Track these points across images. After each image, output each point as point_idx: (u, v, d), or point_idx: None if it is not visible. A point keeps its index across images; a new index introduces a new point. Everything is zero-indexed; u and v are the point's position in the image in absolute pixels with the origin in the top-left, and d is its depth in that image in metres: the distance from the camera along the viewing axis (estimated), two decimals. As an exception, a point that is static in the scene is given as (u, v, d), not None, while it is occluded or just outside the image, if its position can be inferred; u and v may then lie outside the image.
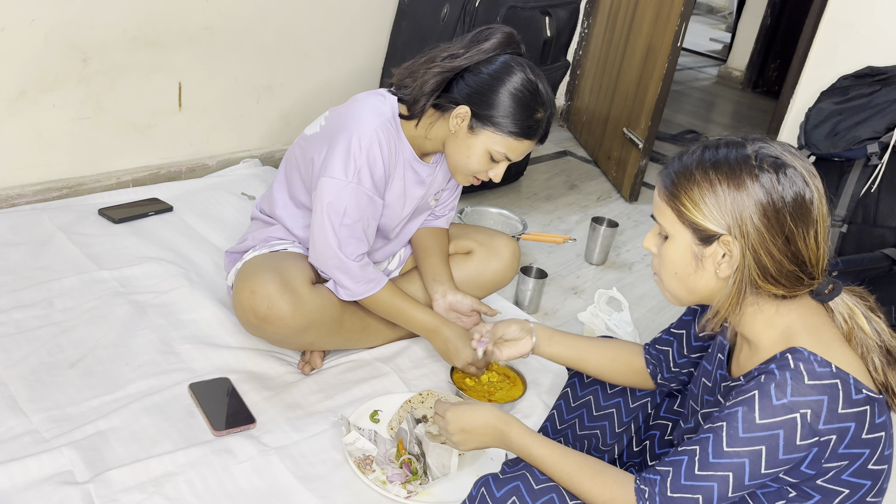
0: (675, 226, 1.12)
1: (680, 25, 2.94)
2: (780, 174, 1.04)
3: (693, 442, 1.09)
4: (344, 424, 1.55)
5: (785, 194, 1.04)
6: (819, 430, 1.02)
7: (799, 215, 1.05)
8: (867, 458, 1.06)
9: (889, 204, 2.56)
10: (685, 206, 1.09)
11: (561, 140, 3.87)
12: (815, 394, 1.02)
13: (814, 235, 1.06)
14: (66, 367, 1.66)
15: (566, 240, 2.49)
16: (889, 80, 2.63)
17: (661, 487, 1.08)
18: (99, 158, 2.48)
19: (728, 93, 5.59)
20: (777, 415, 1.02)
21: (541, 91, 1.63)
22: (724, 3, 8.24)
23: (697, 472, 1.06)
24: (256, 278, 1.63)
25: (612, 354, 1.50)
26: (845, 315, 1.11)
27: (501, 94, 1.60)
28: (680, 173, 1.10)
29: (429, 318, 1.74)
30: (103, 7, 2.29)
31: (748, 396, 1.05)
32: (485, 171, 1.69)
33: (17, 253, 2.02)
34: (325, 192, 1.61)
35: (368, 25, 2.98)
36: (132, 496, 1.37)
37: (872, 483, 1.09)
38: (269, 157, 2.92)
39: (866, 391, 1.04)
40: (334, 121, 1.69)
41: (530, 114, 1.61)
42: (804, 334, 1.08)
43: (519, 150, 1.66)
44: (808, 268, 1.07)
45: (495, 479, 1.18)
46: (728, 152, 1.07)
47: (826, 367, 1.03)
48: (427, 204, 1.87)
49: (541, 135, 1.67)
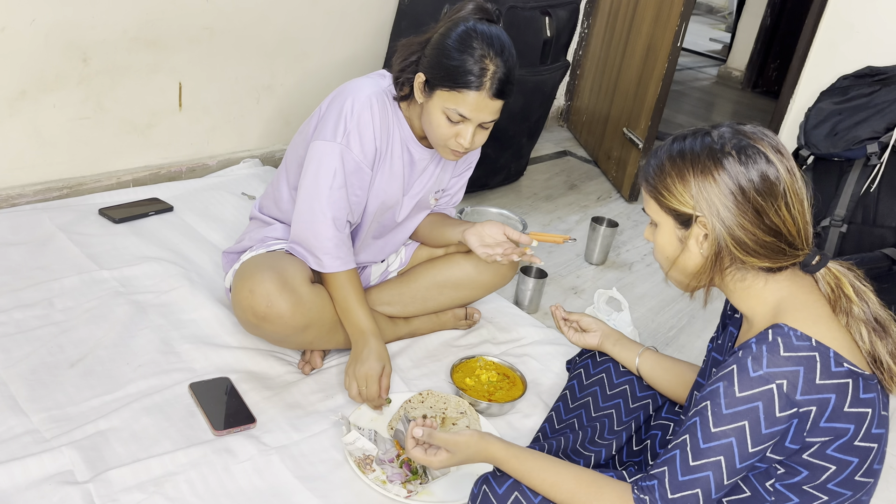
0: (658, 214, 1.21)
1: (680, 25, 2.94)
2: (741, 155, 1.12)
3: (682, 432, 1.12)
4: (344, 424, 1.55)
5: (748, 173, 1.11)
6: (797, 400, 1.05)
7: (765, 190, 1.11)
8: (853, 434, 1.08)
9: (889, 204, 2.56)
10: (662, 194, 1.18)
11: (561, 140, 3.87)
12: (791, 365, 1.06)
13: (785, 207, 1.11)
14: (67, 367, 1.66)
15: (566, 240, 2.48)
16: (889, 80, 2.63)
17: (661, 492, 1.09)
18: (99, 158, 2.48)
19: (728, 93, 5.59)
20: (754, 386, 1.06)
21: (483, 39, 1.54)
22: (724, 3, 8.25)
23: (692, 464, 1.08)
24: (255, 277, 1.63)
25: (672, 374, 1.51)
26: (832, 284, 1.15)
27: (444, 50, 1.56)
28: (655, 166, 1.20)
29: (368, 322, 1.70)
30: (103, 7, 2.29)
31: (727, 371, 1.09)
32: (452, 135, 1.61)
33: (17, 253, 2.03)
34: (314, 154, 1.62)
35: (368, 25, 2.99)
36: (132, 496, 1.37)
37: (860, 460, 1.10)
38: (269, 157, 2.92)
39: (849, 365, 1.08)
40: (333, 97, 1.70)
41: (472, 63, 1.53)
42: (792, 310, 1.12)
43: (471, 105, 1.56)
44: (788, 238, 1.12)
45: (495, 476, 1.21)
46: (693, 141, 1.16)
47: (805, 340, 1.07)
48: (427, 202, 1.87)
49: (491, 87, 1.55)
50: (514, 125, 2.92)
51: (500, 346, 2.02)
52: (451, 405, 1.65)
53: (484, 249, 1.74)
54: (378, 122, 1.64)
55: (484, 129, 1.64)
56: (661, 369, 1.53)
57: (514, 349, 2.00)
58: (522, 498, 1.17)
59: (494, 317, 2.13)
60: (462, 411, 1.64)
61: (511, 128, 2.92)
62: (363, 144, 1.63)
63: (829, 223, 2.61)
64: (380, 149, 1.67)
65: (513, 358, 1.95)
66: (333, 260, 1.67)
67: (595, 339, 1.61)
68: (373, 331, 1.69)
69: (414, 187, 1.80)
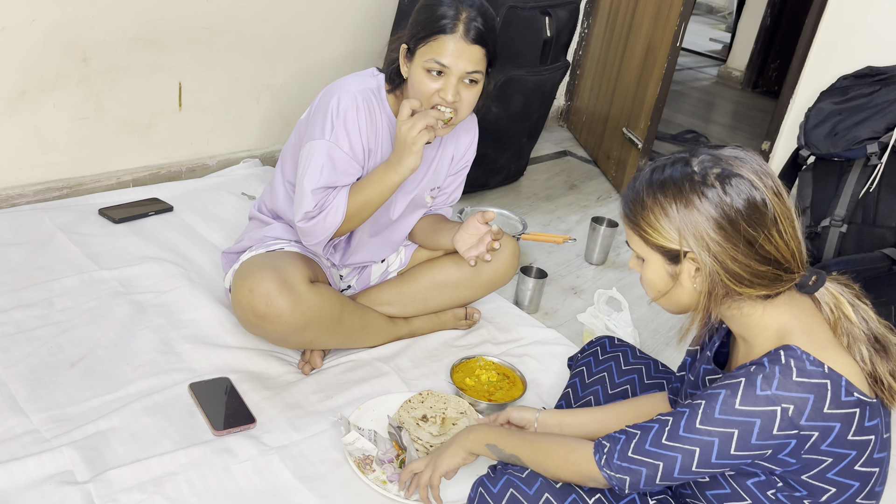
0: (644, 250, 1.16)
1: (679, 25, 2.94)
2: (725, 185, 1.07)
3: (667, 414, 1.12)
4: (343, 424, 1.55)
5: (734, 203, 1.06)
6: (800, 425, 1.03)
7: (754, 219, 1.06)
8: (853, 460, 1.07)
9: (889, 204, 2.56)
10: (646, 231, 1.13)
11: (561, 140, 3.87)
12: (802, 391, 1.03)
13: (777, 233, 1.07)
14: (67, 367, 1.66)
15: (566, 240, 2.49)
16: (889, 80, 2.63)
17: (623, 446, 1.13)
18: (99, 158, 2.48)
19: (728, 93, 5.59)
20: (758, 404, 1.04)
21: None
22: (723, 3, 8.24)
23: (664, 442, 1.09)
24: (255, 277, 1.63)
25: (632, 414, 1.44)
26: (831, 305, 1.12)
27: (418, 10, 1.61)
28: (634, 200, 1.14)
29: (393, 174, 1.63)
30: (103, 7, 2.29)
31: (734, 382, 1.07)
32: (433, 91, 1.59)
33: (17, 253, 2.03)
34: (305, 154, 1.63)
35: (368, 25, 2.98)
36: (132, 496, 1.37)
37: (861, 484, 1.09)
38: (269, 157, 2.92)
39: (858, 394, 1.05)
40: (321, 96, 1.70)
41: (444, 9, 1.56)
42: (799, 334, 1.09)
43: (448, 51, 1.55)
44: (784, 264, 1.09)
45: (489, 477, 1.24)
46: (673, 172, 1.11)
47: (818, 366, 1.04)
48: (422, 200, 1.87)
49: (466, 31, 1.55)
50: (514, 125, 2.92)
51: (499, 346, 2.02)
52: (450, 405, 1.65)
53: (469, 253, 1.72)
54: (364, 119, 1.64)
55: (469, 87, 1.60)
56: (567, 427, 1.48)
57: (513, 349, 2.00)
58: (518, 493, 1.19)
59: (494, 317, 2.13)
60: (462, 411, 1.64)
61: (511, 128, 2.91)
62: (351, 142, 1.63)
63: (829, 223, 2.61)
64: (367, 146, 1.67)
65: (513, 358, 1.95)
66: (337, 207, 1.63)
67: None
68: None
69: (407, 184, 1.80)
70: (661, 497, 1.23)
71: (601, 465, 1.14)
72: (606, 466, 1.14)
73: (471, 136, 1.88)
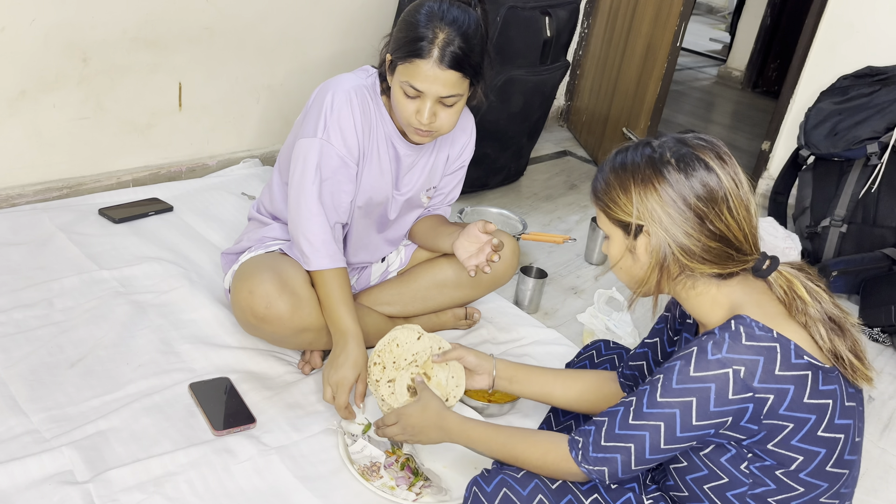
0: (607, 226, 1.24)
1: (679, 25, 2.94)
2: (680, 164, 1.14)
3: (630, 395, 1.17)
4: (339, 434, 1.55)
5: (687, 178, 1.14)
6: (753, 387, 1.08)
7: (705, 196, 1.13)
8: (815, 425, 1.11)
9: (889, 204, 2.56)
10: (608, 206, 1.21)
11: (561, 140, 3.87)
12: (751, 353, 1.08)
13: (727, 211, 1.13)
14: (67, 367, 1.66)
15: (566, 240, 2.49)
16: (889, 80, 2.63)
17: (595, 437, 1.17)
18: (99, 158, 2.48)
19: (728, 93, 5.59)
20: (710, 369, 1.09)
21: (434, 10, 1.52)
22: (724, 3, 8.25)
23: (631, 422, 1.14)
24: (254, 278, 1.63)
25: (579, 387, 1.53)
26: (784, 287, 1.17)
27: (399, 24, 1.58)
28: (602, 179, 1.23)
29: (349, 323, 1.61)
30: (103, 7, 2.29)
31: (687, 352, 1.12)
32: (412, 112, 1.57)
33: (17, 253, 2.03)
34: (298, 152, 1.63)
35: (368, 25, 2.98)
36: (132, 496, 1.37)
37: (828, 451, 1.13)
38: (269, 157, 2.92)
39: (809, 358, 1.10)
40: (316, 93, 1.70)
41: (420, 31, 1.51)
42: (749, 306, 1.15)
43: (421, 76, 1.52)
44: (735, 243, 1.15)
45: (483, 477, 1.25)
46: (635, 153, 1.19)
47: (767, 332, 1.10)
48: (419, 199, 1.87)
49: (441, 56, 1.50)
50: (514, 125, 2.92)
51: (500, 346, 2.02)
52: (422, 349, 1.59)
53: (469, 262, 1.72)
54: (358, 116, 1.63)
55: (447, 108, 1.58)
56: None
57: (513, 349, 2.00)
58: (510, 492, 1.20)
59: (494, 317, 2.13)
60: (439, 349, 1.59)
61: (511, 128, 2.92)
62: (345, 139, 1.62)
63: (829, 223, 2.61)
64: (362, 143, 1.66)
65: (513, 358, 1.94)
66: (320, 258, 1.63)
67: (485, 382, 1.59)
68: (354, 333, 1.61)
69: (403, 184, 1.80)
70: (656, 495, 1.24)
71: (578, 461, 1.19)
72: (584, 461, 1.18)
73: (467, 135, 1.88)
